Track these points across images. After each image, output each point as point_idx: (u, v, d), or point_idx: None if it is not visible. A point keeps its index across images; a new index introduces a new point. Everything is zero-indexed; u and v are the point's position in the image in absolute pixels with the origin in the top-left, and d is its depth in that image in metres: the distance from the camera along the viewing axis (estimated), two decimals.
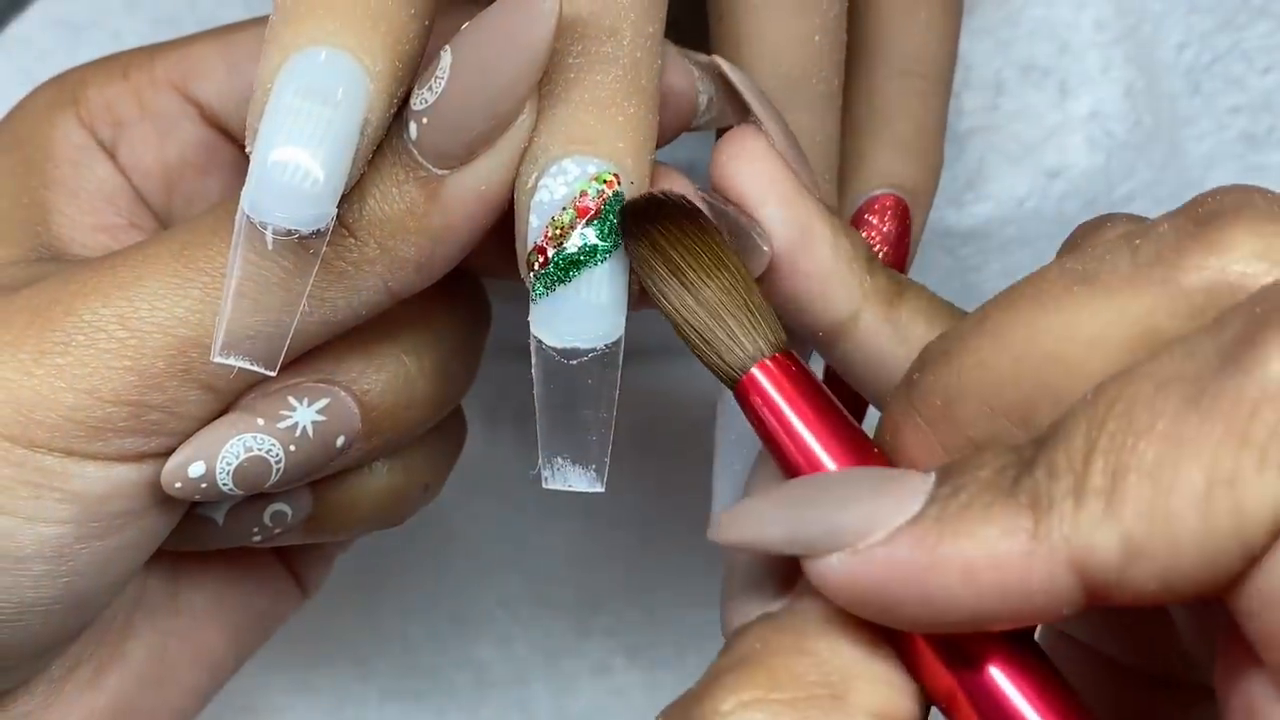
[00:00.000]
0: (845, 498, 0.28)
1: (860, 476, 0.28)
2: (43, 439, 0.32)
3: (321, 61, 0.29)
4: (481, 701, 0.55)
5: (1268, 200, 0.28)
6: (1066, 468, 0.26)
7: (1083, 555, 0.25)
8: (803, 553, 0.27)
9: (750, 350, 0.30)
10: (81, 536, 0.33)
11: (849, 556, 0.27)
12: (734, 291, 0.31)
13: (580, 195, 0.31)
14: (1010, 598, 0.26)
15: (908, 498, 0.27)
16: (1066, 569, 0.25)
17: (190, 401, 0.32)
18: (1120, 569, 0.25)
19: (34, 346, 0.32)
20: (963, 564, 0.26)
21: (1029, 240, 0.49)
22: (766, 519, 0.28)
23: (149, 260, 0.32)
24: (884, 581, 0.27)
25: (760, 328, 0.31)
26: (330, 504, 0.37)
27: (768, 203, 0.33)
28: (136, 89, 0.39)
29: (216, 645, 0.40)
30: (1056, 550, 0.25)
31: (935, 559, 0.26)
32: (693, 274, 0.31)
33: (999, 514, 0.26)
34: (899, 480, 0.27)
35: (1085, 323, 0.28)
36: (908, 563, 0.26)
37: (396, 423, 0.35)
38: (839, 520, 0.27)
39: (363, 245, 0.32)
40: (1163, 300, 0.27)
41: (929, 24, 0.41)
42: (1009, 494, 0.26)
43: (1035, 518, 0.26)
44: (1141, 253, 0.28)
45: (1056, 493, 0.25)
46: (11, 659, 0.34)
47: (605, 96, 0.31)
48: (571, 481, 0.33)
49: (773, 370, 0.30)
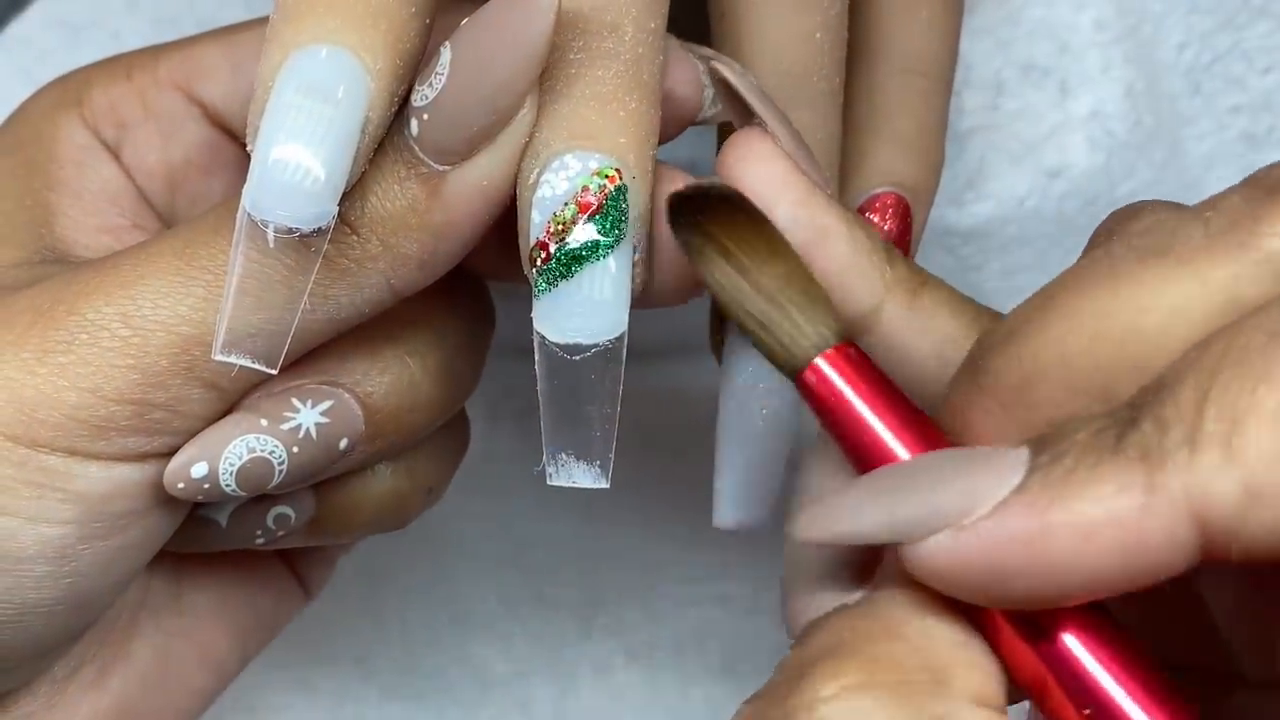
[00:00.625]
0: (939, 479, 0.27)
1: (949, 457, 0.28)
2: (46, 438, 0.32)
3: (322, 59, 0.29)
4: (482, 701, 0.55)
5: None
6: (1177, 418, 0.25)
7: (1202, 504, 0.25)
8: (904, 538, 0.27)
9: (814, 339, 0.30)
10: (84, 537, 0.33)
11: (957, 533, 0.26)
12: (793, 279, 0.30)
13: (582, 190, 0.31)
14: (1130, 555, 0.25)
15: (1006, 471, 0.26)
16: (1186, 520, 0.25)
17: (193, 400, 0.32)
18: (1241, 516, 0.24)
19: (37, 346, 0.32)
20: (1079, 526, 0.25)
21: (1029, 240, 0.49)
22: (858, 510, 0.28)
23: (151, 259, 0.32)
24: (996, 556, 0.26)
25: (821, 316, 0.30)
26: (333, 506, 0.37)
27: (780, 204, 0.33)
28: (140, 90, 0.39)
29: (220, 646, 0.40)
30: (1175, 501, 0.25)
31: (1049, 525, 0.25)
32: (750, 262, 0.30)
33: (1109, 472, 0.25)
34: (993, 456, 0.27)
35: (1166, 294, 0.27)
36: (1020, 533, 0.26)
37: (400, 425, 0.35)
38: (938, 501, 0.27)
39: (365, 242, 0.32)
40: (1245, 266, 0.27)
41: (930, 22, 0.41)
42: (1116, 451, 0.26)
43: (1148, 471, 0.25)
44: (1214, 224, 0.27)
45: (1169, 443, 0.25)
46: (13, 660, 0.34)
47: (607, 92, 0.31)
48: (576, 478, 0.33)
49: (837, 359, 0.30)
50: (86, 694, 0.37)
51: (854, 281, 0.33)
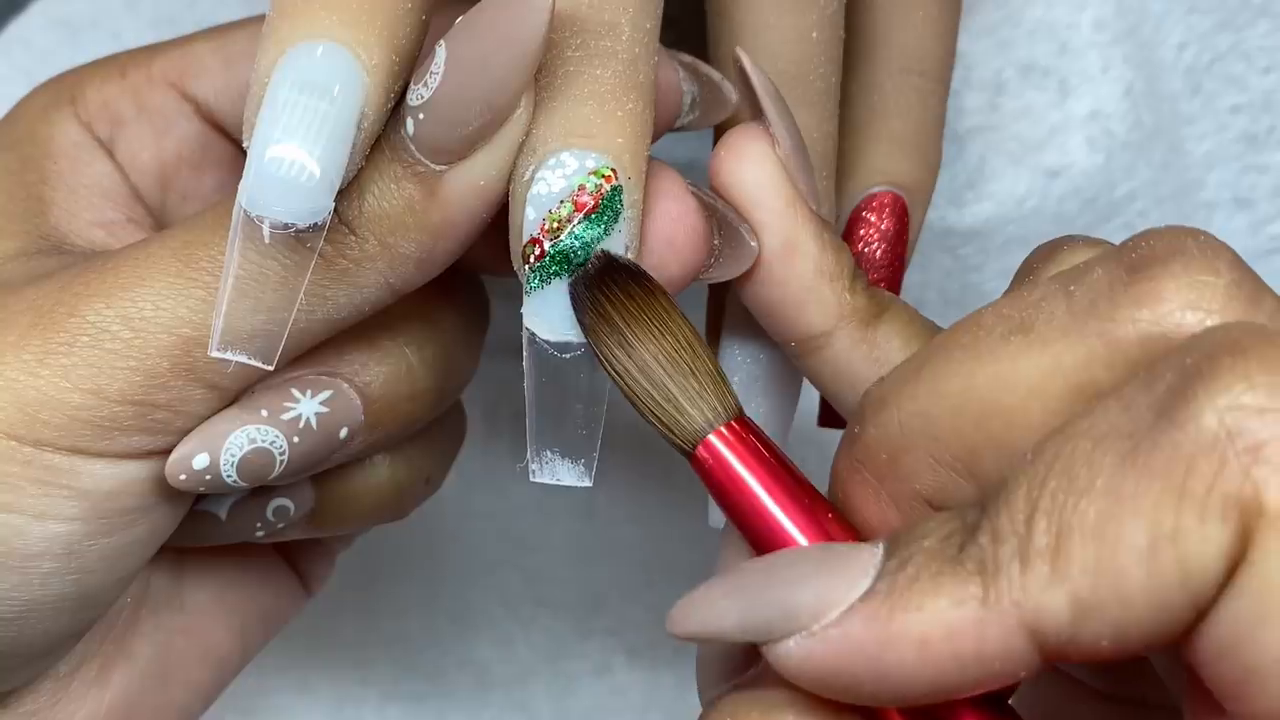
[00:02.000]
0: (796, 579, 0.28)
1: (809, 556, 0.28)
2: (50, 438, 0.32)
3: (318, 56, 0.29)
4: (482, 702, 0.55)
5: (1200, 245, 0.28)
6: (1010, 530, 0.26)
7: (1033, 617, 0.25)
8: (758, 639, 0.27)
9: (705, 417, 0.30)
10: (90, 533, 0.33)
11: (805, 639, 0.27)
12: (681, 358, 0.31)
13: (578, 189, 0.31)
14: (967, 667, 0.26)
15: (858, 574, 0.27)
16: (1019, 632, 0.25)
17: (195, 400, 0.33)
18: (1072, 628, 0.25)
19: (39, 348, 0.32)
20: (917, 637, 0.26)
21: (1029, 240, 0.49)
22: (720, 608, 0.28)
23: (150, 260, 0.32)
24: (841, 662, 0.27)
25: (712, 395, 0.30)
26: (333, 498, 0.37)
27: (759, 209, 0.33)
28: (134, 87, 0.39)
29: (221, 643, 0.40)
30: (1007, 615, 0.25)
31: (889, 635, 0.26)
32: (643, 340, 0.31)
33: (948, 583, 0.26)
34: (848, 556, 0.27)
35: (1023, 374, 0.28)
36: (862, 641, 0.26)
37: (398, 414, 0.36)
38: (792, 603, 0.27)
39: (363, 242, 0.32)
40: (1098, 352, 0.27)
41: (927, 21, 0.41)
42: (956, 562, 0.26)
43: (984, 584, 0.26)
44: (1076, 301, 0.28)
45: (1002, 557, 0.26)
46: (20, 656, 0.34)
47: (605, 91, 0.31)
48: (560, 475, 0.33)
49: (727, 438, 0.30)
50: (89, 691, 0.37)
51: (810, 304, 0.34)
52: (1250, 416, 0.24)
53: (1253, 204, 0.50)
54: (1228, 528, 0.24)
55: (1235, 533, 0.24)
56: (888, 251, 0.40)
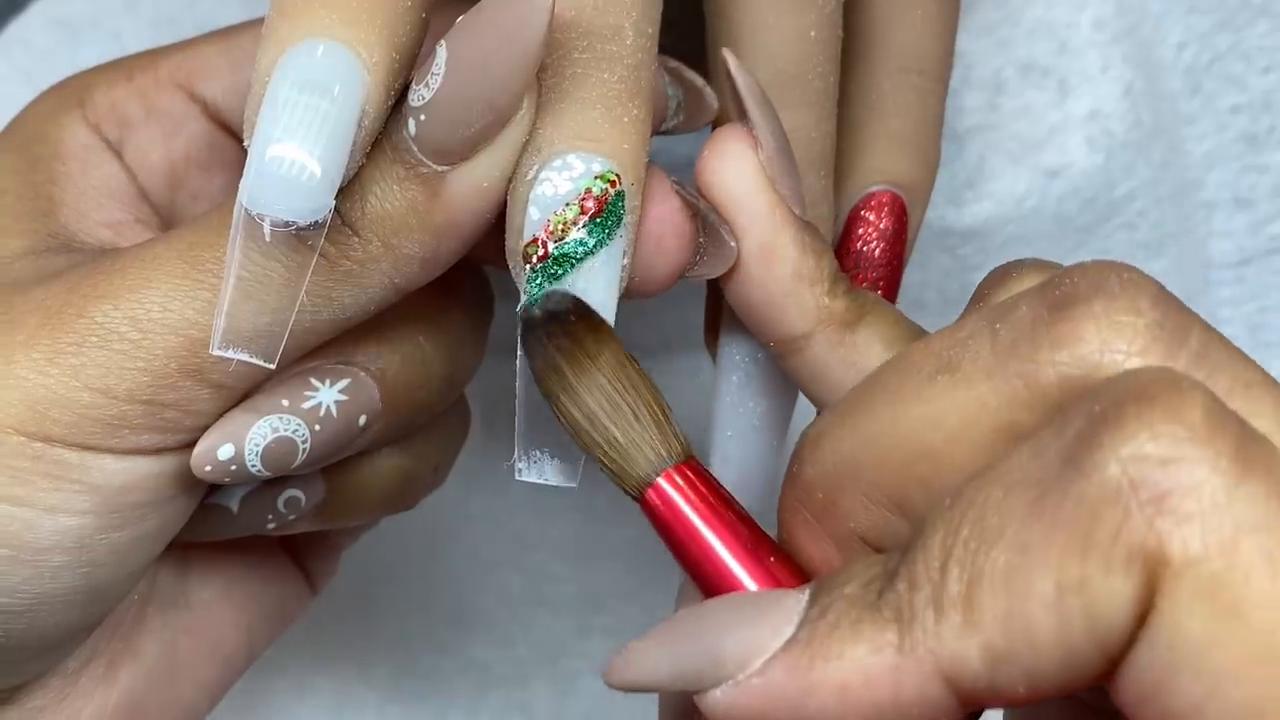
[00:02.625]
0: (724, 627, 0.28)
1: (737, 603, 0.29)
2: (59, 435, 0.32)
3: (318, 55, 0.29)
4: (482, 702, 0.55)
5: (1124, 282, 0.27)
6: (925, 577, 0.26)
7: (949, 665, 0.25)
8: (690, 688, 0.28)
9: (646, 466, 0.30)
10: (101, 527, 0.33)
11: (730, 689, 0.27)
12: (625, 404, 0.31)
13: (585, 193, 0.31)
14: (885, 713, 0.26)
15: (782, 621, 0.27)
16: (935, 679, 0.26)
17: (203, 399, 0.33)
18: (987, 676, 0.25)
19: (48, 347, 0.32)
20: (836, 685, 0.26)
21: (1029, 239, 0.49)
22: (654, 659, 0.28)
23: (157, 262, 0.33)
24: (765, 709, 0.27)
25: (657, 440, 0.31)
26: (343, 488, 0.37)
27: (739, 212, 0.33)
28: (142, 89, 0.39)
29: (227, 640, 0.40)
30: (923, 662, 0.26)
31: (809, 682, 0.26)
32: (585, 390, 0.31)
33: (866, 631, 0.26)
34: (774, 603, 0.28)
35: (948, 415, 0.28)
36: (784, 689, 0.27)
37: (413, 401, 0.36)
38: (718, 651, 0.27)
39: (367, 243, 0.32)
40: (1020, 394, 0.27)
41: (926, 20, 0.41)
42: (874, 609, 0.26)
43: (899, 631, 0.26)
44: (1000, 340, 0.28)
45: (918, 604, 0.26)
46: (31, 649, 0.35)
47: (612, 96, 0.31)
48: (547, 475, 0.33)
49: (673, 483, 0.30)
50: (96, 687, 0.37)
51: (788, 307, 0.34)
52: (1153, 467, 0.24)
53: (1253, 204, 0.50)
54: (1133, 579, 0.24)
55: (1141, 583, 0.24)
56: (886, 250, 0.40)
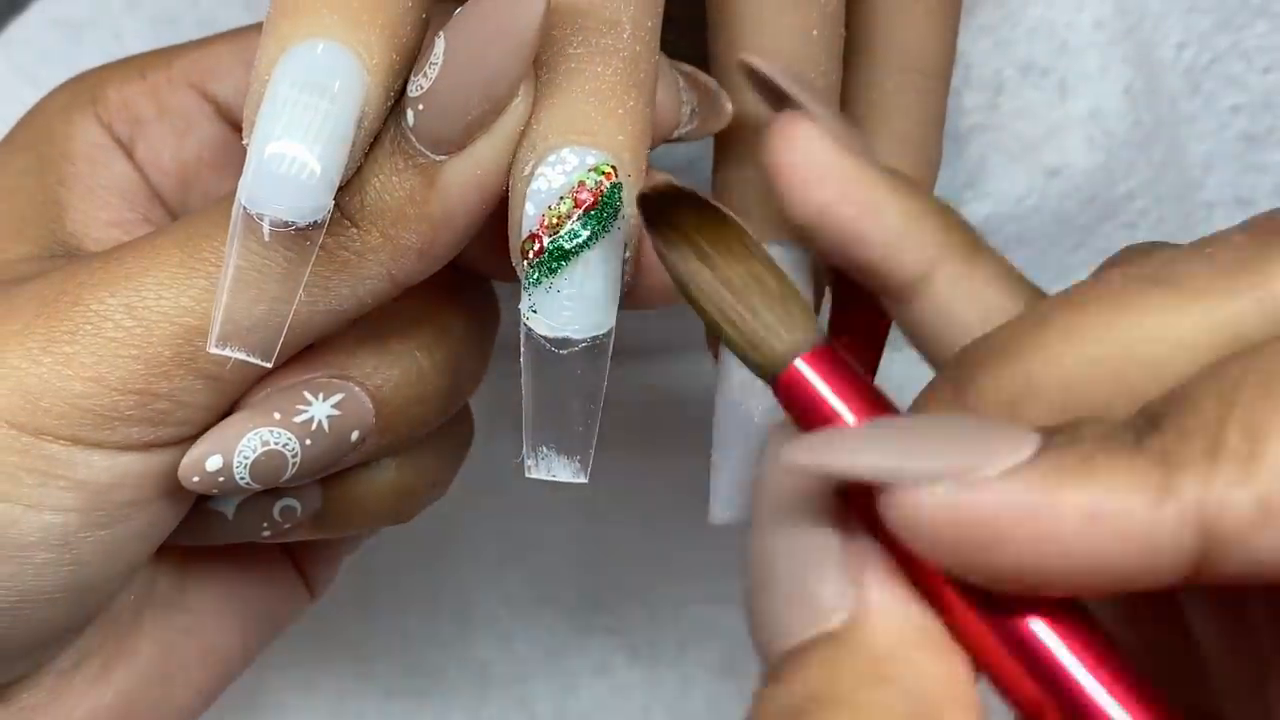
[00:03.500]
0: (948, 435, 0.26)
1: (959, 420, 0.27)
2: (49, 426, 0.32)
3: (319, 54, 0.29)
4: (483, 700, 0.55)
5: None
6: (1200, 428, 0.25)
7: (1215, 514, 0.24)
8: (903, 479, 0.25)
9: (791, 341, 0.29)
10: (86, 525, 0.33)
11: (959, 487, 0.25)
12: (767, 280, 0.29)
13: (578, 186, 0.31)
14: (1131, 551, 0.25)
15: (1020, 441, 0.26)
16: (1194, 529, 0.25)
17: (196, 391, 0.33)
18: (1249, 533, 0.24)
19: (42, 335, 0.32)
20: (1087, 509, 0.25)
21: (1029, 239, 0.49)
22: (853, 444, 0.26)
23: (155, 251, 0.33)
24: (996, 520, 0.25)
25: (799, 317, 0.29)
26: (339, 500, 0.37)
27: (830, 186, 0.31)
28: (154, 88, 0.39)
29: (224, 644, 0.40)
30: (1188, 507, 0.24)
31: (1054, 501, 0.25)
32: (724, 262, 0.29)
33: (1126, 465, 0.25)
34: (1005, 427, 0.26)
35: (1171, 324, 0.27)
36: (1024, 502, 0.25)
37: (409, 418, 0.36)
38: (945, 453, 0.25)
39: (365, 234, 0.32)
40: (1251, 306, 0.27)
41: (927, 19, 0.40)
42: (1135, 448, 0.25)
43: (1166, 473, 0.25)
44: (1219, 261, 0.27)
45: (1189, 452, 0.25)
46: (13, 649, 0.35)
47: (606, 88, 0.31)
48: (556, 471, 0.33)
49: (816, 362, 0.29)
50: (90, 688, 0.37)
51: (906, 249, 0.32)
52: None
53: (1253, 204, 0.50)
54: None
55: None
56: None
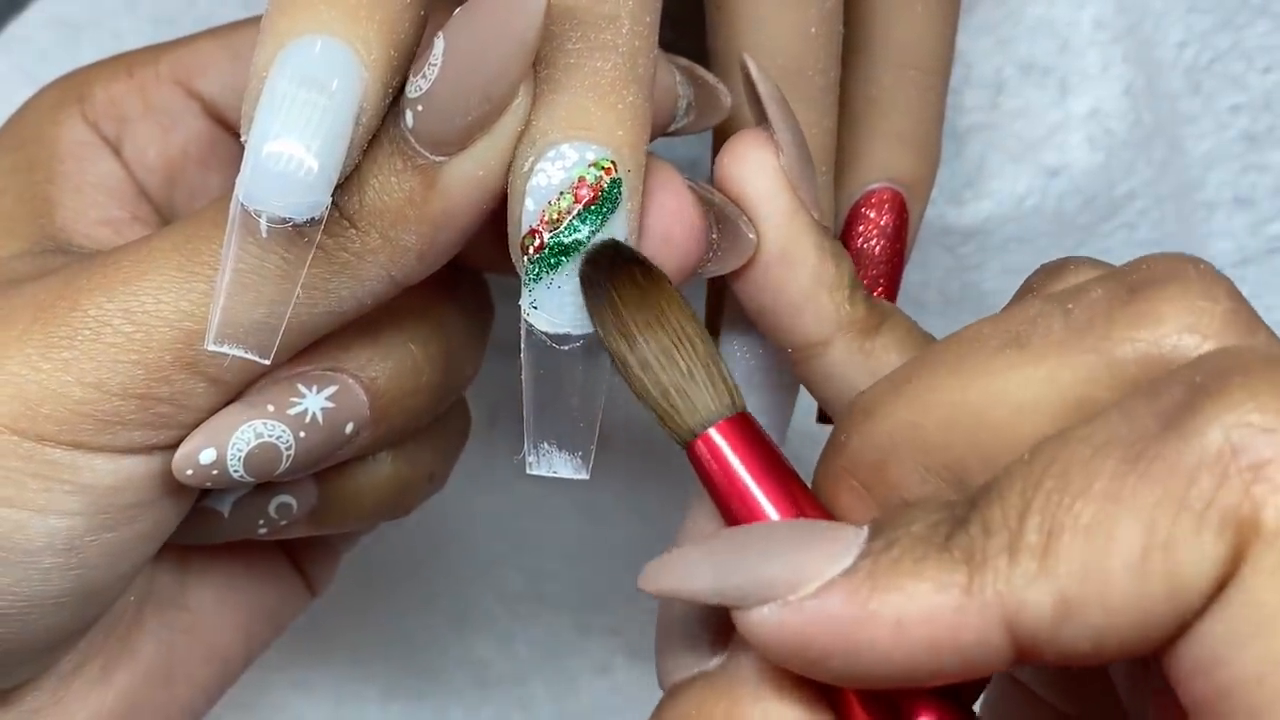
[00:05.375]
0: (777, 549, 0.27)
1: (792, 528, 0.28)
2: (51, 432, 0.32)
3: (317, 50, 0.29)
4: (482, 700, 0.55)
5: (1199, 271, 0.28)
6: (1001, 524, 0.26)
7: (1015, 612, 0.25)
8: (733, 604, 0.27)
9: (701, 415, 0.30)
10: (92, 529, 0.33)
11: (780, 608, 0.27)
12: (687, 351, 0.31)
13: (578, 181, 0.31)
14: (941, 654, 0.26)
15: (840, 551, 0.27)
16: (999, 626, 0.25)
17: (197, 394, 0.33)
18: (1053, 627, 0.25)
19: (40, 341, 0.32)
20: (895, 618, 0.26)
21: (1029, 238, 0.49)
22: (697, 568, 0.28)
23: (153, 254, 0.32)
24: (815, 634, 0.26)
25: (714, 388, 0.30)
26: (335, 495, 0.37)
27: (758, 217, 0.33)
28: (140, 86, 0.39)
29: (225, 643, 0.40)
30: (989, 606, 0.25)
31: (867, 612, 0.26)
32: (647, 333, 0.30)
33: (932, 568, 0.26)
34: (832, 533, 0.27)
35: (1016, 388, 0.28)
36: (839, 616, 0.26)
37: (403, 410, 0.36)
38: (770, 571, 0.27)
39: (364, 235, 0.32)
40: (1096, 369, 0.27)
41: (926, 16, 0.41)
42: (942, 548, 0.26)
43: (969, 573, 0.26)
44: (1074, 318, 0.28)
45: (991, 549, 0.26)
46: (22, 653, 0.34)
47: (605, 84, 0.31)
48: (557, 468, 0.33)
49: (725, 433, 0.30)
50: (92, 689, 0.37)
51: (808, 312, 0.34)
52: (1256, 435, 0.25)
53: (1253, 204, 0.50)
54: (1222, 542, 0.24)
55: (1229, 548, 0.24)
56: (887, 247, 0.40)
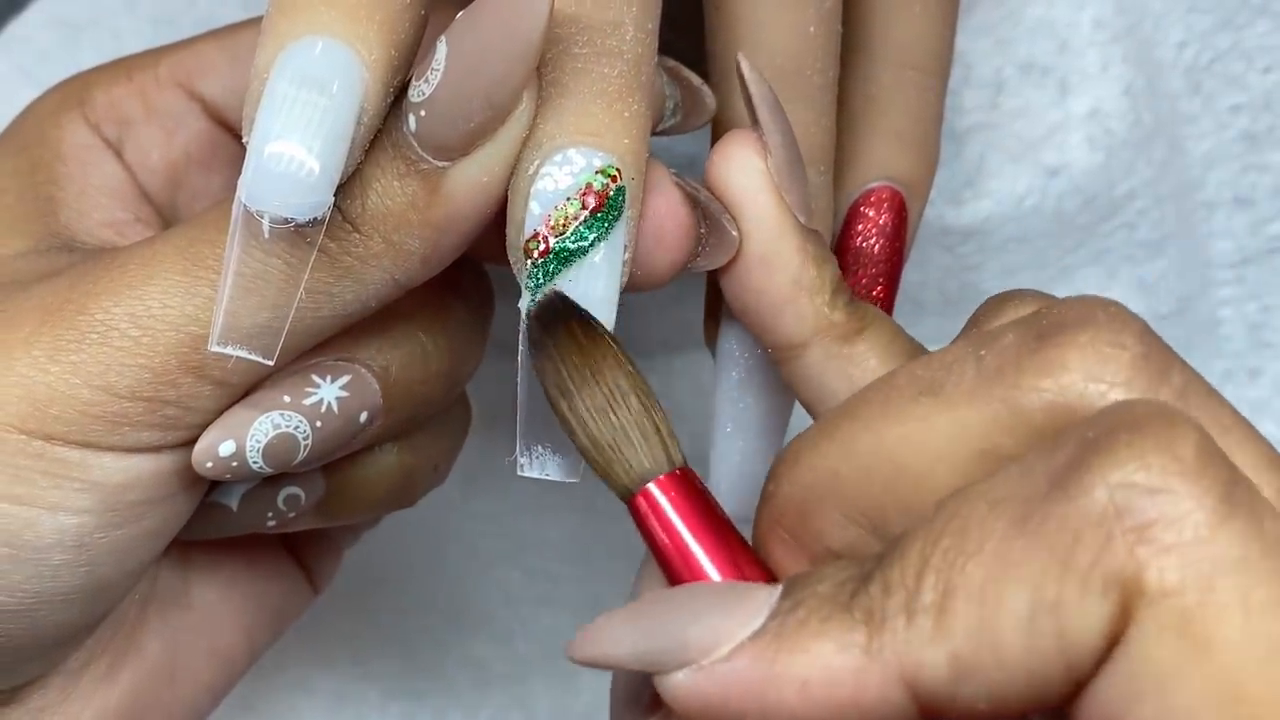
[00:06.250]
0: (693, 613, 0.28)
1: (708, 591, 0.29)
2: (60, 432, 0.32)
3: (317, 51, 0.29)
4: (482, 700, 0.55)
5: (1109, 314, 0.28)
6: (900, 583, 0.26)
7: (913, 672, 0.26)
8: (651, 669, 0.28)
9: (638, 471, 0.31)
10: (101, 526, 0.33)
11: (692, 673, 0.27)
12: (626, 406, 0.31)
13: (585, 188, 0.31)
14: (845, 713, 0.26)
15: (752, 612, 0.27)
16: (898, 685, 0.26)
17: (204, 396, 0.33)
18: (950, 686, 0.25)
19: (49, 344, 0.32)
20: (799, 679, 0.26)
21: (1028, 238, 0.49)
22: (617, 636, 0.29)
23: (157, 258, 0.33)
24: (726, 697, 0.27)
25: (647, 447, 0.31)
26: (343, 485, 0.37)
27: (742, 217, 0.34)
28: (141, 89, 0.39)
29: (229, 640, 0.40)
30: (888, 666, 0.26)
31: (773, 674, 0.27)
32: (587, 391, 0.31)
33: (834, 629, 0.26)
34: (745, 594, 0.28)
35: (929, 436, 0.28)
36: (748, 678, 0.27)
37: (414, 398, 0.36)
38: (685, 636, 0.28)
39: (368, 240, 0.32)
40: (1003, 418, 0.28)
41: (925, 16, 0.41)
42: (845, 608, 0.27)
43: (869, 633, 0.26)
44: (985, 365, 0.28)
45: (890, 608, 0.26)
46: (29, 650, 0.35)
47: (612, 90, 0.31)
48: (549, 470, 0.33)
49: (668, 487, 0.31)
50: (98, 688, 0.37)
51: (786, 314, 0.34)
52: (1140, 495, 0.25)
53: (1253, 204, 0.50)
54: (1107, 604, 0.25)
55: (1115, 609, 0.25)
56: (886, 246, 0.40)
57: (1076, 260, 0.49)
